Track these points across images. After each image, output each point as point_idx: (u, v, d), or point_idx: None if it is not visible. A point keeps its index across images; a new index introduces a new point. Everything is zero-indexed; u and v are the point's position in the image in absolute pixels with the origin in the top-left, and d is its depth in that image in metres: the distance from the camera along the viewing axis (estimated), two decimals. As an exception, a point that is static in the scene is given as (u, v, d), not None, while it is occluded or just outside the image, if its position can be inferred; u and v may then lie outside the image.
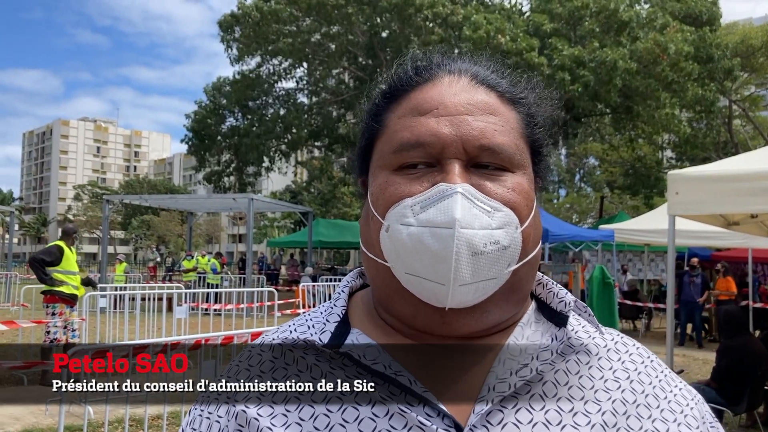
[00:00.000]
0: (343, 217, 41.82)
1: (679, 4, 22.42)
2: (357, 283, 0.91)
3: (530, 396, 0.73)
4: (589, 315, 0.85)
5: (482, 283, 0.71)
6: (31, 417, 6.74)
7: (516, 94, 0.83)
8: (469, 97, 0.79)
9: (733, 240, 11.50)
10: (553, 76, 19.34)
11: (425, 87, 0.81)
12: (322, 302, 4.13)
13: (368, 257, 0.80)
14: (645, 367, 0.81)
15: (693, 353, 11.93)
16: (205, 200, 24.22)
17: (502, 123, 0.78)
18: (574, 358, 0.78)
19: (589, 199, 48.41)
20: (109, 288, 13.47)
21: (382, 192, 0.77)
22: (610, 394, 0.75)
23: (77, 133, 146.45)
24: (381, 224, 0.76)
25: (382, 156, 0.80)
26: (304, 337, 0.79)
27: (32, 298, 12.58)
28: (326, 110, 28.24)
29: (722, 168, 5.56)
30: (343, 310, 0.83)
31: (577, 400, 0.74)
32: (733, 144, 30.96)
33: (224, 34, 25.27)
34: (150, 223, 69.19)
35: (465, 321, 0.74)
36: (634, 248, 19.37)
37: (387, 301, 0.79)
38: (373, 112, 0.85)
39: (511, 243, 0.73)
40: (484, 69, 0.85)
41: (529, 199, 0.78)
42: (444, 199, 0.72)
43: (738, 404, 5.95)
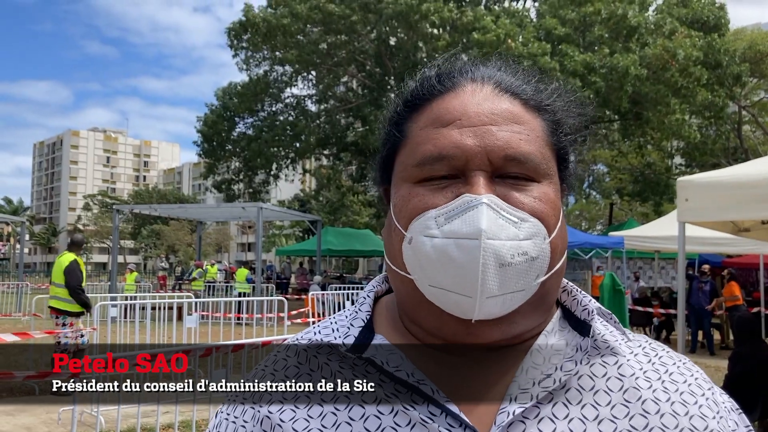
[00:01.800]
0: (351, 225, 41.83)
1: (686, 9, 22.35)
2: (383, 288, 0.89)
3: (553, 405, 0.72)
4: (615, 322, 0.82)
5: (510, 295, 0.70)
6: (43, 427, 6.77)
7: (541, 101, 0.81)
8: (492, 107, 0.77)
9: (744, 246, 11.43)
10: (565, 83, 19.20)
11: (447, 96, 0.79)
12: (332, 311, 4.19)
13: (392, 269, 0.78)
14: (677, 368, 0.79)
15: (705, 360, 11.83)
16: (214, 209, 24.31)
17: (528, 132, 0.76)
18: (599, 361, 0.76)
19: (599, 206, 48.21)
20: (119, 297, 13.54)
21: (405, 204, 0.76)
22: (641, 393, 0.74)
23: (87, 143, 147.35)
24: (403, 236, 0.75)
25: (405, 168, 0.78)
26: (327, 340, 0.78)
27: (44, 308, 12.65)
28: (334, 118, 28.30)
29: (732, 174, 5.53)
30: (367, 315, 0.83)
31: (603, 405, 0.72)
32: (743, 150, 30.77)
33: (233, 42, 25.47)
34: (159, 232, 69.43)
35: (491, 332, 0.73)
36: (644, 255, 19.28)
37: (412, 312, 0.78)
38: (395, 121, 0.83)
39: (540, 254, 0.71)
40: (508, 75, 0.82)
41: (556, 209, 0.76)
42: (469, 210, 0.70)
43: (751, 412, 5.90)
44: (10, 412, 7.30)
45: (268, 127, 26.87)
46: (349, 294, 13.02)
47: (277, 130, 26.63)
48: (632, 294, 15.36)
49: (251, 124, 28.04)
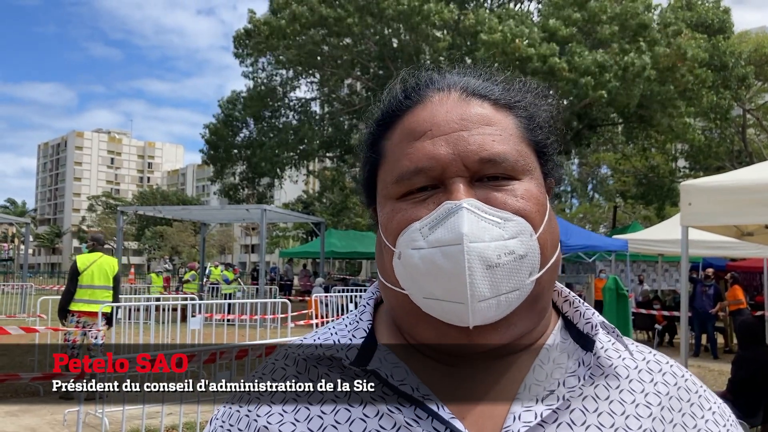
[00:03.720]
0: (354, 227, 41.86)
1: (690, 12, 22.29)
2: (381, 295, 0.89)
3: (557, 425, 0.71)
4: (617, 336, 0.82)
5: (504, 297, 0.69)
6: (47, 428, 6.78)
7: (511, 99, 0.81)
8: (461, 112, 0.77)
9: (748, 250, 11.40)
10: (576, 81, 19.04)
11: (416, 109, 0.79)
12: (335, 313, 4.18)
13: (386, 286, 0.79)
14: (678, 389, 0.79)
15: (708, 364, 11.81)
16: (218, 211, 24.28)
17: (500, 131, 0.77)
18: (603, 383, 0.76)
19: (602, 209, 48.15)
20: (123, 299, 13.56)
21: (390, 220, 0.76)
22: (641, 422, 0.74)
23: (91, 144, 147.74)
24: (393, 252, 0.75)
25: (386, 186, 0.79)
26: (330, 353, 0.77)
27: (48, 309, 12.67)
28: (338, 120, 28.34)
29: (735, 178, 5.52)
30: (369, 324, 0.82)
31: (607, 427, 0.72)
32: (747, 153, 30.69)
33: (238, 50, 25.58)
34: (163, 233, 69.52)
35: (490, 336, 0.72)
36: (647, 258, 19.23)
37: (410, 328, 0.77)
38: (370, 142, 0.84)
39: (528, 251, 0.71)
40: (474, 79, 0.82)
41: (541, 204, 0.76)
42: (450, 217, 0.71)
43: (754, 416, 5.89)
44: (15, 413, 7.32)
45: (273, 132, 26.94)
46: (352, 296, 13.02)
47: (282, 134, 26.69)
48: (636, 297, 15.34)
49: (256, 128, 28.13)
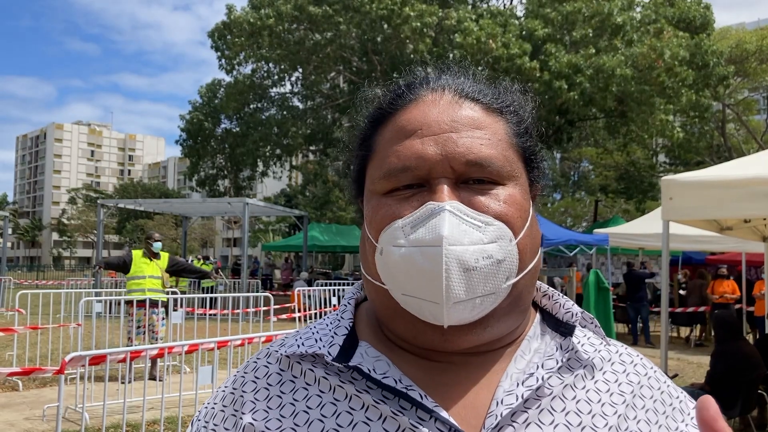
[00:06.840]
0: (338, 220, 41.86)
1: (672, 9, 22.44)
2: (362, 294, 0.90)
3: (539, 410, 0.73)
4: (596, 326, 0.85)
5: (479, 299, 0.70)
6: (26, 423, 6.71)
7: (502, 104, 0.82)
8: (453, 114, 0.78)
9: (727, 244, 11.55)
10: (550, 84, 19.26)
11: (409, 107, 0.81)
12: (318, 306, 4.17)
13: (368, 279, 0.80)
14: (648, 379, 0.82)
15: (687, 357, 11.97)
16: (200, 204, 24.08)
17: (489, 136, 0.77)
18: (581, 373, 0.78)
19: (584, 203, 48.49)
20: (104, 293, 13.44)
21: (374, 215, 0.77)
22: (616, 408, 0.76)
23: (71, 136, 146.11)
24: (375, 247, 0.76)
25: (373, 181, 0.80)
26: (312, 350, 0.77)
27: (27, 304, 12.52)
28: (321, 114, 28.24)
29: (716, 174, 5.58)
30: (350, 322, 0.83)
31: (585, 413, 0.74)
32: (726, 148, 31.07)
33: (217, 44, 25.26)
34: (144, 227, 68.97)
35: (466, 337, 0.73)
36: (627, 252, 19.44)
37: (389, 321, 0.79)
38: (362, 137, 0.85)
39: (506, 256, 0.72)
40: (468, 81, 0.83)
41: (523, 210, 0.77)
42: (432, 218, 0.71)
43: (732, 408, 5.98)
44: (-7, 408, 7.24)
45: (255, 126, 26.74)
46: (335, 290, 12.98)
47: (264, 128, 26.51)
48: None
49: (236, 121, 27.91)
